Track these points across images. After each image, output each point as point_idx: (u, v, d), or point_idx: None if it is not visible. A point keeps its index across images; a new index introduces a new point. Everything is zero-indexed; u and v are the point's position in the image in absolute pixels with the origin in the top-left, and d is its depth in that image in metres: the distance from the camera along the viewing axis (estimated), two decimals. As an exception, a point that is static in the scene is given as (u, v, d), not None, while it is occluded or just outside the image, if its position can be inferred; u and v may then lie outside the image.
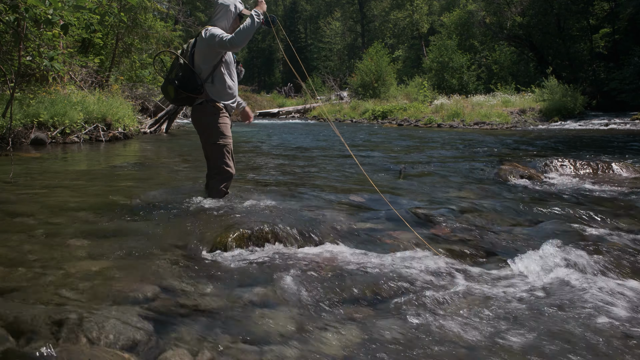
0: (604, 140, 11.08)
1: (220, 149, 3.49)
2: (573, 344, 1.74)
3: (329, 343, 1.72)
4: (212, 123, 3.46)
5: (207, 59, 3.36)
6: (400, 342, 1.74)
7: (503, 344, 1.74)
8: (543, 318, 1.93)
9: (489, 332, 1.81)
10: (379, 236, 3.03)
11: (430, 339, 1.76)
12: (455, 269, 2.49)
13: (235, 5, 3.40)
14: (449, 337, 1.77)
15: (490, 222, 3.48)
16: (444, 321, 1.89)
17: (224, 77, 3.44)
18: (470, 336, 1.78)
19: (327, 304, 2.05)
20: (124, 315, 1.78)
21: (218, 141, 3.48)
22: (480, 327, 1.85)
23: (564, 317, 1.94)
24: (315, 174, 5.67)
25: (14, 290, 2.00)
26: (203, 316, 1.87)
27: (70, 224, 3.11)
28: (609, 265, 2.56)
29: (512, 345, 1.73)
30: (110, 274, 2.22)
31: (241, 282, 2.23)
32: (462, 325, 1.86)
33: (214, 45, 3.27)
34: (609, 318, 1.93)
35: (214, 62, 3.37)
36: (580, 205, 4.02)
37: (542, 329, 1.84)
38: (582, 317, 1.94)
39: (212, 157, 3.57)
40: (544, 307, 2.02)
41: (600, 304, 2.07)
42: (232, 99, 3.54)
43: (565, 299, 2.10)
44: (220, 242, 2.72)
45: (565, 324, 1.89)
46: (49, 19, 4.39)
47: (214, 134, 3.47)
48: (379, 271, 2.38)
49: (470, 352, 1.68)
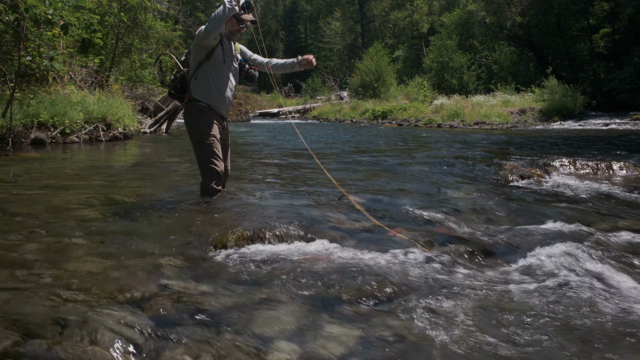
0: (604, 140, 11.08)
1: (205, 148, 3.51)
2: (573, 344, 1.74)
3: (329, 342, 1.72)
4: (194, 122, 3.50)
5: (194, 56, 3.46)
6: (400, 341, 1.74)
7: (502, 343, 1.74)
8: (543, 318, 1.93)
9: (488, 332, 1.81)
10: (379, 235, 3.03)
11: (429, 338, 1.76)
12: (454, 268, 2.49)
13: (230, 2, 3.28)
14: (449, 337, 1.77)
15: (490, 222, 3.48)
16: (444, 321, 1.89)
17: (208, 76, 3.46)
18: (469, 336, 1.78)
19: (327, 303, 2.05)
20: (124, 315, 1.77)
21: (202, 140, 3.49)
22: (479, 327, 1.85)
23: (564, 317, 1.94)
24: (315, 173, 5.66)
25: (14, 290, 2.00)
26: (203, 316, 1.87)
27: (70, 223, 3.11)
28: (609, 265, 2.56)
29: (512, 345, 1.73)
30: (110, 274, 2.22)
31: (241, 282, 2.23)
32: (461, 325, 1.86)
33: (196, 39, 3.37)
34: (609, 318, 1.93)
35: (198, 59, 3.44)
36: (581, 205, 4.02)
37: (542, 329, 1.84)
38: (582, 317, 1.94)
39: (198, 156, 3.60)
40: (544, 307, 2.02)
41: (601, 303, 2.07)
42: (218, 101, 3.52)
43: (565, 299, 2.10)
44: (221, 242, 2.72)
45: (565, 324, 1.89)
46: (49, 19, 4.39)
47: (197, 133, 3.50)
48: (378, 271, 2.38)
49: (469, 352, 1.68)
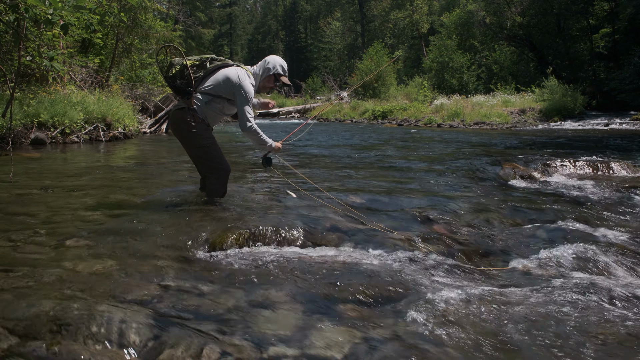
0: (604, 140, 11.08)
1: (211, 151, 3.46)
2: (572, 343, 1.74)
3: (329, 343, 1.72)
4: (194, 128, 3.38)
5: (223, 90, 3.39)
6: (399, 342, 1.74)
7: (502, 344, 1.74)
8: (543, 318, 1.93)
9: (487, 332, 1.81)
10: (379, 235, 3.03)
11: (428, 338, 1.76)
12: (453, 269, 2.49)
13: (277, 68, 3.49)
14: (448, 338, 1.77)
15: (490, 222, 3.48)
16: (443, 321, 1.89)
17: (218, 107, 3.46)
18: (468, 336, 1.78)
19: (327, 303, 2.05)
20: (124, 315, 1.78)
21: (206, 144, 3.44)
22: (478, 327, 1.85)
23: (563, 318, 1.94)
24: (315, 173, 5.66)
25: (14, 290, 2.00)
26: (203, 316, 1.87)
27: (71, 223, 3.11)
28: (609, 265, 2.56)
29: (512, 345, 1.73)
30: (110, 274, 2.22)
31: (241, 282, 2.23)
32: (460, 325, 1.86)
33: (236, 99, 3.36)
34: (609, 317, 1.93)
35: (224, 96, 3.41)
36: (581, 205, 4.02)
37: (542, 329, 1.84)
38: (582, 317, 1.93)
39: (202, 160, 3.54)
40: (544, 307, 2.02)
41: (601, 303, 2.07)
42: (212, 124, 3.55)
43: (565, 299, 2.10)
44: (221, 242, 2.72)
45: (565, 324, 1.89)
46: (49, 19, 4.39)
47: (199, 138, 3.41)
48: (378, 271, 2.38)
49: (469, 352, 1.68)
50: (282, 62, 3.55)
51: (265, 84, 3.54)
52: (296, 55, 63.03)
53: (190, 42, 44.52)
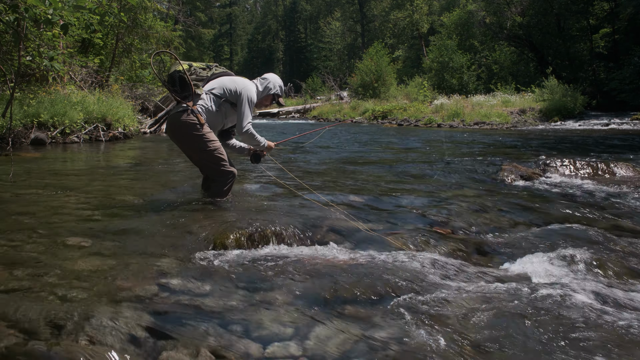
0: (604, 140, 11.08)
1: (215, 153, 3.43)
2: (572, 343, 1.74)
3: (329, 343, 1.72)
4: (197, 130, 3.36)
5: (229, 96, 3.49)
6: (399, 342, 1.74)
7: (501, 344, 1.74)
8: (543, 318, 1.93)
9: (487, 332, 1.81)
10: (379, 235, 3.03)
11: (427, 339, 1.76)
12: (454, 268, 2.49)
13: (276, 89, 3.70)
14: (447, 338, 1.77)
15: (489, 222, 3.48)
16: (442, 322, 1.89)
17: (221, 111, 3.50)
18: (468, 336, 1.78)
19: (327, 303, 2.05)
20: (124, 315, 1.78)
21: (211, 147, 3.40)
22: (477, 327, 1.85)
23: (563, 318, 1.94)
24: (315, 173, 5.67)
25: (14, 290, 2.00)
26: (203, 316, 1.87)
27: (71, 223, 3.11)
28: (609, 265, 2.56)
29: (511, 345, 1.73)
30: (110, 274, 2.22)
31: (241, 282, 2.23)
32: (459, 325, 1.86)
33: (239, 104, 3.47)
34: (609, 318, 1.93)
35: (229, 100, 3.50)
36: (581, 205, 4.02)
37: (542, 329, 1.84)
38: (582, 318, 1.93)
39: (209, 164, 3.51)
40: (544, 307, 2.02)
41: (600, 305, 2.07)
42: (213, 130, 3.58)
43: (565, 300, 2.10)
44: (220, 242, 2.72)
45: (565, 323, 1.89)
46: (49, 19, 4.38)
47: (202, 140, 3.37)
48: (378, 270, 2.38)
49: (467, 351, 1.69)
50: (281, 82, 3.76)
51: (263, 101, 3.72)
52: (296, 55, 63.02)
53: (190, 42, 44.54)
